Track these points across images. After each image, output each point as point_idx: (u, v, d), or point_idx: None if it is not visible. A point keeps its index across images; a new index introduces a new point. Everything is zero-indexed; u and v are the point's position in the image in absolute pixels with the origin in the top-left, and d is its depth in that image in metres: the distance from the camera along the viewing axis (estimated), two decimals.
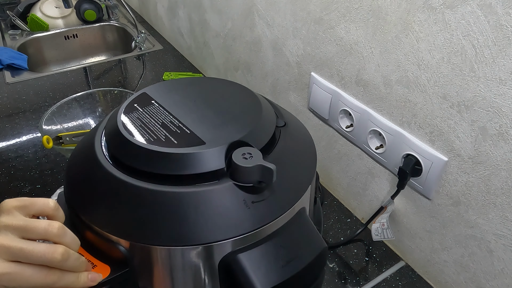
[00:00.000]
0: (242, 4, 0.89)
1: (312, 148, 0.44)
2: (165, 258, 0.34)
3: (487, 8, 0.42)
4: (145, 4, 1.61)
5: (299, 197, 0.38)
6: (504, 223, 0.49)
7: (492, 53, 0.44)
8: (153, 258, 0.34)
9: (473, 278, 0.56)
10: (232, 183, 0.35)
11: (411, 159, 0.57)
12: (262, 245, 0.34)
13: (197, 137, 0.37)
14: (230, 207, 0.34)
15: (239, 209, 0.34)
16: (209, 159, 0.35)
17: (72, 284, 0.32)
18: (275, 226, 0.36)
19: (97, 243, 0.35)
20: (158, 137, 0.37)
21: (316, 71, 0.73)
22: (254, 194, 0.35)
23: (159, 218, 0.33)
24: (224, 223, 0.33)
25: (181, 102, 0.44)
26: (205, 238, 0.33)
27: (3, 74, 1.21)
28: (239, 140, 0.37)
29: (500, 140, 0.46)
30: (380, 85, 0.60)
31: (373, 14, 0.57)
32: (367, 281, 0.64)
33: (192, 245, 0.33)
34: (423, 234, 0.62)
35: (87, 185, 0.37)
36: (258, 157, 0.34)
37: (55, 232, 0.31)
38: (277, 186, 0.36)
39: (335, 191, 0.81)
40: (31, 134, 0.95)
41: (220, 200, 0.34)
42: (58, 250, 0.30)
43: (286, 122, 0.44)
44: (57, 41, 1.53)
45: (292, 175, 0.39)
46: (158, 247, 0.33)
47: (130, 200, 0.34)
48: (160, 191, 0.33)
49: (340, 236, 0.71)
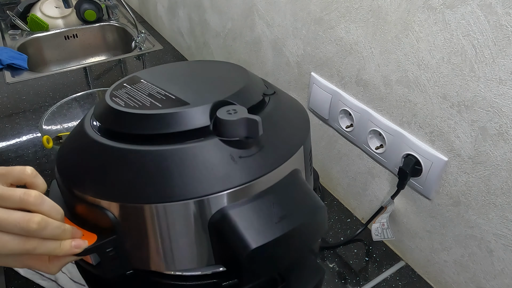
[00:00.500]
0: (242, 4, 0.89)
1: (304, 114, 0.43)
2: (153, 217, 0.33)
3: (487, 8, 0.42)
4: (145, 4, 1.61)
5: (290, 155, 0.36)
6: (504, 223, 0.49)
7: (492, 53, 0.44)
8: (141, 219, 0.33)
9: (473, 278, 0.56)
10: (218, 139, 0.34)
11: (411, 159, 0.57)
12: (253, 201, 0.33)
13: (182, 100, 0.37)
14: (217, 162, 0.33)
15: (226, 164, 0.33)
16: (193, 117, 0.34)
17: (54, 251, 0.31)
18: (266, 183, 0.34)
19: (86, 215, 0.35)
20: (143, 103, 0.37)
21: (316, 71, 0.73)
22: (241, 149, 0.34)
23: (145, 177, 0.33)
24: (211, 178, 0.32)
25: (170, 79, 0.43)
26: (191, 193, 0.32)
27: (3, 74, 1.21)
28: (224, 100, 0.36)
29: (500, 140, 0.46)
30: (380, 85, 0.60)
31: (373, 14, 0.57)
32: (367, 281, 0.64)
33: (178, 201, 0.32)
34: (423, 234, 0.62)
35: (75, 156, 0.37)
36: (243, 112, 0.34)
37: (31, 200, 0.30)
38: (265, 143, 0.35)
39: (335, 191, 0.81)
40: (31, 134, 0.95)
41: (205, 155, 0.33)
42: (34, 219, 0.29)
43: (276, 92, 0.43)
44: (57, 41, 1.53)
45: (281, 135, 0.38)
46: (145, 206, 0.32)
47: (116, 163, 0.34)
48: (144, 150, 0.33)
49: (340, 236, 0.71)
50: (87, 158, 0.36)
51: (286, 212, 0.34)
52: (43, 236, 0.31)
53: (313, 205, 0.36)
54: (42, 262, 0.33)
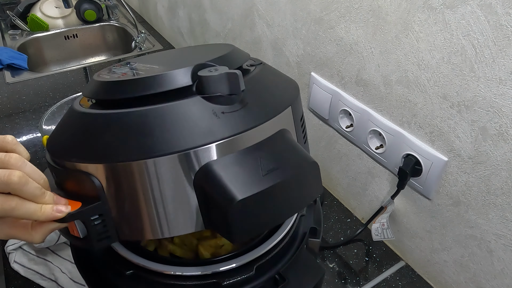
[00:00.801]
0: (242, 4, 0.89)
1: (294, 83, 0.42)
2: (135, 176, 0.32)
3: (487, 8, 0.42)
4: (145, 4, 1.61)
5: (276, 113, 0.36)
6: (504, 223, 0.49)
7: (492, 53, 0.44)
8: (124, 180, 0.32)
9: (473, 278, 0.56)
10: (199, 97, 0.33)
11: (411, 159, 0.57)
12: (239, 157, 0.32)
13: (165, 69, 0.36)
14: (199, 118, 0.32)
15: (208, 119, 0.32)
16: (174, 78, 0.34)
17: (35, 214, 0.31)
18: (252, 140, 0.34)
19: (72, 186, 0.35)
20: (127, 75, 0.37)
21: (316, 71, 0.73)
22: (223, 105, 0.33)
23: (125, 137, 0.32)
24: (193, 132, 0.32)
25: (158, 58, 0.43)
26: (172, 147, 0.31)
27: (3, 74, 1.21)
28: (206, 63, 0.36)
29: (500, 140, 0.46)
30: (380, 85, 0.60)
31: (373, 14, 0.57)
32: (367, 281, 0.64)
33: (158, 156, 0.31)
34: (423, 234, 0.62)
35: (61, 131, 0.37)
36: (224, 69, 0.33)
37: (12, 161, 0.30)
38: (250, 101, 0.35)
39: (335, 191, 0.81)
40: (31, 134, 0.95)
41: (187, 112, 0.32)
42: (15, 173, 0.29)
43: (264, 63, 0.43)
44: (57, 41, 1.53)
45: (267, 96, 0.37)
46: (126, 164, 0.32)
47: (97, 128, 0.34)
48: (124, 112, 0.33)
49: (340, 236, 0.71)
50: (71, 130, 0.36)
51: (274, 166, 0.33)
52: (23, 194, 0.30)
53: (303, 160, 0.35)
54: (24, 230, 0.33)
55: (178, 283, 0.38)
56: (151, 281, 0.38)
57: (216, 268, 0.37)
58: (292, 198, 0.34)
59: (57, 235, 0.64)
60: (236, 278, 0.38)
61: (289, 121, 0.38)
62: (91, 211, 0.33)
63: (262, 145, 0.34)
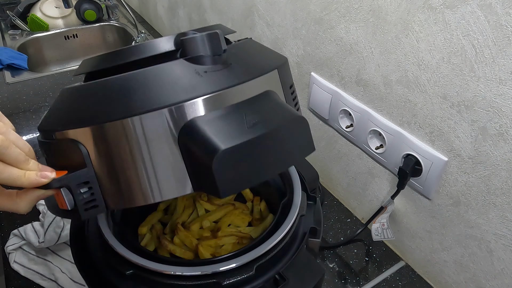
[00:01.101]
0: (242, 4, 0.89)
1: (282, 56, 0.43)
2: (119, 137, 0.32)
3: (487, 8, 0.42)
4: (145, 4, 1.61)
5: (260, 74, 0.36)
6: (504, 223, 0.49)
7: (492, 53, 0.44)
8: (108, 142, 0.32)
9: (473, 278, 0.56)
10: (182, 59, 0.34)
11: (411, 159, 0.57)
12: (223, 113, 0.32)
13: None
14: (182, 77, 0.33)
15: (191, 78, 0.33)
16: (158, 44, 0.35)
17: (18, 179, 0.31)
18: (236, 98, 0.34)
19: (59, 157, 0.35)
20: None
21: (316, 71, 0.73)
22: (206, 65, 0.34)
23: (108, 100, 0.33)
24: (176, 89, 0.32)
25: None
26: (155, 103, 0.31)
27: (3, 74, 1.21)
28: (189, 31, 0.36)
29: (500, 140, 0.46)
30: (380, 85, 0.60)
31: (373, 14, 0.57)
32: (367, 281, 0.64)
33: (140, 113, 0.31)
34: (423, 234, 0.62)
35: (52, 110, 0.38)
36: (205, 31, 0.34)
37: None
38: (233, 62, 0.35)
39: (335, 191, 0.81)
40: (31, 134, 0.95)
41: (169, 73, 0.33)
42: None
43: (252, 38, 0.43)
44: (57, 41, 1.53)
45: (251, 59, 0.38)
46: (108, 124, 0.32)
47: (82, 97, 0.34)
48: (108, 79, 0.33)
49: (340, 236, 0.71)
50: (59, 105, 0.36)
51: (259, 120, 0.32)
52: (6, 159, 0.30)
53: (290, 115, 0.34)
54: (9, 198, 0.33)
55: (178, 283, 0.38)
56: (151, 281, 0.38)
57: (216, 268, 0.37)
58: (280, 152, 0.34)
59: (57, 235, 0.64)
60: (236, 278, 0.38)
61: (277, 87, 0.38)
62: (77, 178, 0.33)
63: (247, 103, 0.34)
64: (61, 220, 0.65)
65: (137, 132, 0.32)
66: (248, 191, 0.55)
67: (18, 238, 0.67)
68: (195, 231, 0.49)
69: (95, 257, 0.42)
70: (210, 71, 0.33)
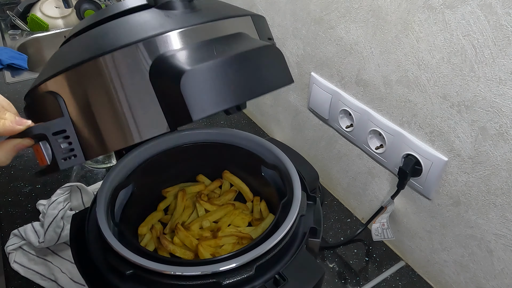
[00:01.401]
0: (242, 4, 0.89)
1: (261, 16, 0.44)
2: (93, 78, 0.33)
3: (487, 8, 0.42)
4: None
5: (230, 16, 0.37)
6: (504, 223, 0.49)
7: (492, 53, 0.44)
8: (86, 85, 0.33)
9: (473, 278, 0.56)
10: (153, 8, 0.35)
11: (411, 159, 0.57)
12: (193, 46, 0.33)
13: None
14: (152, 19, 0.34)
15: (160, 19, 0.34)
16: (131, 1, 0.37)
17: None
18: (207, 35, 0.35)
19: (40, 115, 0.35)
20: None
21: (316, 71, 0.73)
22: (176, 10, 0.35)
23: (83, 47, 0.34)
24: (145, 28, 0.33)
25: None
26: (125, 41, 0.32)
27: (3, 74, 1.21)
28: None
29: (500, 140, 0.46)
30: (380, 85, 0.60)
31: (373, 14, 0.57)
32: (367, 281, 0.64)
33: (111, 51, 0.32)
34: (423, 234, 0.62)
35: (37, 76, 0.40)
36: None
37: None
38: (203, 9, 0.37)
39: (335, 191, 0.81)
40: None
41: (140, 19, 0.34)
42: None
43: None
44: (57, 41, 1.53)
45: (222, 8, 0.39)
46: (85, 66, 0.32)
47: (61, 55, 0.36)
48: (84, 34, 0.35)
49: (340, 236, 0.71)
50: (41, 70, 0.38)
51: (229, 48, 0.33)
52: None
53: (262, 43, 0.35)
54: None
55: (178, 283, 0.38)
56: (151, 281, 0.38)
57: (216, 268, 0.37)
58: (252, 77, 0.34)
59: (57, 235, 0.64)
60: (236, 278, 0.38)
61: (253, 34, 0.39)
62: (53, 125, 0.33)
63: (218, 40, 0.35)
64: (61, 220, 0.65)
65: (110, 70, 0.32)
66: (248, 191, 0.55)
67: (18, 238, 0.67)
68: (195, 231, 0.49)
69: (95, 257, 0.42)
70: (179, 14, 0.35)
